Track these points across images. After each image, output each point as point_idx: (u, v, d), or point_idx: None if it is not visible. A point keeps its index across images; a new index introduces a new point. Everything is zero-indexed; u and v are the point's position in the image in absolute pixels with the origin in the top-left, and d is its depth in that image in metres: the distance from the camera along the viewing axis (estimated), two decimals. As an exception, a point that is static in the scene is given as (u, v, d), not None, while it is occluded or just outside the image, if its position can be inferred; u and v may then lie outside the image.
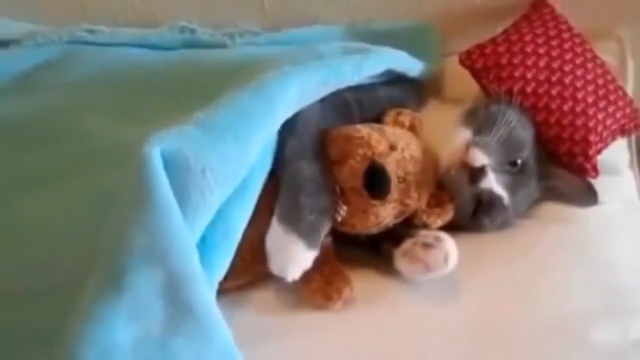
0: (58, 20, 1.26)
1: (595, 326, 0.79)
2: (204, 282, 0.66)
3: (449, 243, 0.80)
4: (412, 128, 0.91)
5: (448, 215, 0.86)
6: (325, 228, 0.80)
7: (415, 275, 0.82)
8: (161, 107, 0.95)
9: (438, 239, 0.80)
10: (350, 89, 0.90)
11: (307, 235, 0.77)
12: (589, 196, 0.95)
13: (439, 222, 0.85)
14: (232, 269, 0.74)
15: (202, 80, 0.99)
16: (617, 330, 0.79)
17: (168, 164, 0.65)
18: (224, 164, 0.70)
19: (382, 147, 0.81)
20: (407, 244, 0.82)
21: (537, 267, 0.86)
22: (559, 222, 0.94)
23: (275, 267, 0.77)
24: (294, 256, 0.77)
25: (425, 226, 0.84)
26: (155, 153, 0.64)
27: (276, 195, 0.80)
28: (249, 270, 0.81)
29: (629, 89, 1.15)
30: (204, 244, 0.70)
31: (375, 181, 0.79)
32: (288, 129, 0.82)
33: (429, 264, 0.80)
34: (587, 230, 0.93)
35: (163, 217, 0.63)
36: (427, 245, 0.80)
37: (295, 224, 0.77)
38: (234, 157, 0.72)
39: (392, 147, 0.82)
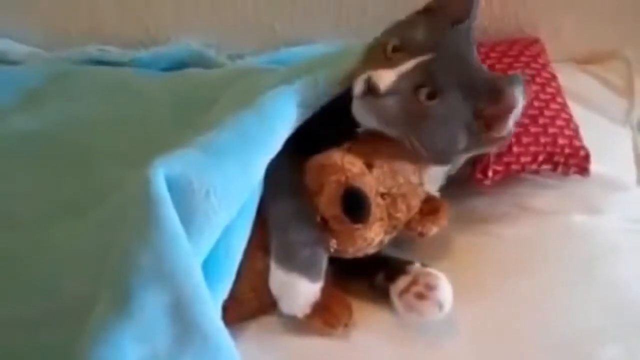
0: (71, 42, 1.27)
1: (600, 346, 0.79)
2: (210, 301, 0.68)
3: (442, 290, 0.79)
4: None
5: (443, 220, 0.84)
6: (324, 257, 0.80)
7: (412, 320, 0.81)
8: (164, 124, 0.98)
9: (430, 287, 0.79)
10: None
11: (306, 270, 0.78)
12: None
13: (435, 229, 0.83)
14: (234, 302, 0.76)
15: (201, 95, 1.02)
16: (623, 350, 0.79)
17: (172, 187, 0.67)
18: (228, 186, 0.71)
19: (356, 168, 0.80)
20: (403, 282, 0.81)
21: (541, 286, 0.86)
22: (564, 239, 0.93)
23: (284, 308, 0.79)
24: (299, 293, 0.78)
25: (422, 235, 0.83)
26: (159, 176, 0.66)
27: (264, 231, 0.80)
28: (251, 305, 0.82)
29: (637, 109, 1.16)
30: (207, 263, 0.71)
31: (354, 205, 0.78)
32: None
33: (423, 314, 0.80)
34: (593, 247, 0.92)
35: (168, 239, 0.65)
36: (420, 296, 0.79)
37: (292, 262, 0.78)
38: (238, 179, 0.73)
39: (369, 165, 0.81)
